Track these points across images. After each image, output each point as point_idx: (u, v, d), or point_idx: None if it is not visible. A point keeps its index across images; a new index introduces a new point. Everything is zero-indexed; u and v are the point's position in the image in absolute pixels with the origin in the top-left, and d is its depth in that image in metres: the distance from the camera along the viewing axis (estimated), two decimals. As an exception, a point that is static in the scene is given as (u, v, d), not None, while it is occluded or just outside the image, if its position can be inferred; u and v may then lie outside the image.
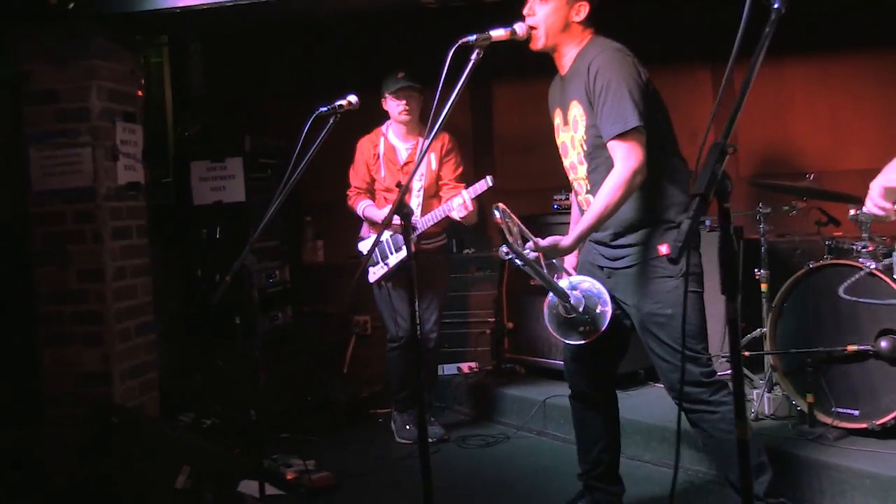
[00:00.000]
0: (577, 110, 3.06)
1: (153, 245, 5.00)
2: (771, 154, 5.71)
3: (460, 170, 4.81)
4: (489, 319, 5.73)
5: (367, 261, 4.49)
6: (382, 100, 4.77)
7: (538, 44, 3.06)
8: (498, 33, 2.85)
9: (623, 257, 3.10)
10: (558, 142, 3.25)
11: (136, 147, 4.73)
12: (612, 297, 3.09)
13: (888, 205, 2.21)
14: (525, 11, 3.06)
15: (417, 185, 4.71)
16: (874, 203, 2.25)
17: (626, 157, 2.87)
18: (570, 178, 3.24)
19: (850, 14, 5.36)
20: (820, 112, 5.65)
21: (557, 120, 3.23)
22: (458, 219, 4.42)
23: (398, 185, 4.39)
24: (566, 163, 3.22)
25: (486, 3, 4.95)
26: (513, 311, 5.50)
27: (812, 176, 4.57)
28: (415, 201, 4.69)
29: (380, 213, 4.67)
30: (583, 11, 3.05)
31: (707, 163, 1.67)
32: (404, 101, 4.67)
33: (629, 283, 3.09)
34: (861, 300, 3.58)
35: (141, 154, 4.77)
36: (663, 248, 2.98)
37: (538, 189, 5.61)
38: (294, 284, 5.97)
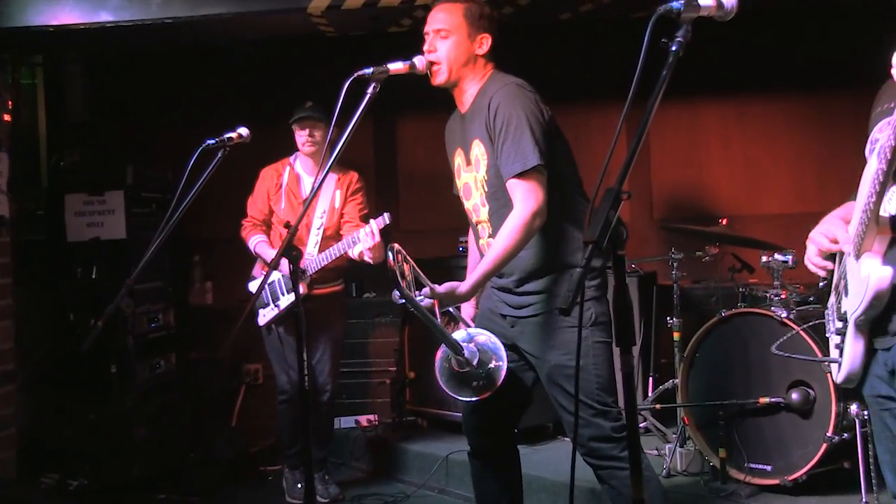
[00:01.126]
0: (478, 149, 3.10)
1: (20, 285, 4.84)
2: (685, 197, 5.91)
3: (365, 210, 4.81)
4: (390, 369, 5.72)
5: (254, 301, 4.43)
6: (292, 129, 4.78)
7: (439, 79, 3.10)
8: (396, 66, 2.89)
9: (528, 305, 3.13)
10: (460, 184, 3.27)
11: (1, 177, 4.60)
12: (515, 348, 3.11)
13: (826, 263, 2.31)
14: (426, 48, 3.09)
15: (318, 222, 4.70)
16: (811, 261, 2.33)
17: (525, 198, 2.91)
18: (473, 220, 3.26)
19: (766, 57, 5.62)
20: (735, 155, 5.89)
21: (458, 160, 3.25)
22: (364, 258, 4.35)
23: (286, 225, 4.37)
24: (468, 205, 3.25)
25: (390, 32, 5.04)
26: (416, 360, 5.49)
27: (726, 220, 4.74)
28: (313, 240, 4.66)
29: (271, 253, 4.63)
30: (485, 44, 3.11)
31: (601, 208, 1.71)
32: (306, 131, 4.66)
33: (534, 332, 3.11)
34: (792, 356, 3.70)
35: (6, 184, 4.64)
36: None
37: (444, 230, 5.66)
38: (179, 329, 5.84)
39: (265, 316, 4.71)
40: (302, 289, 4.34)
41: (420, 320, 2.97)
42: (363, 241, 4.27)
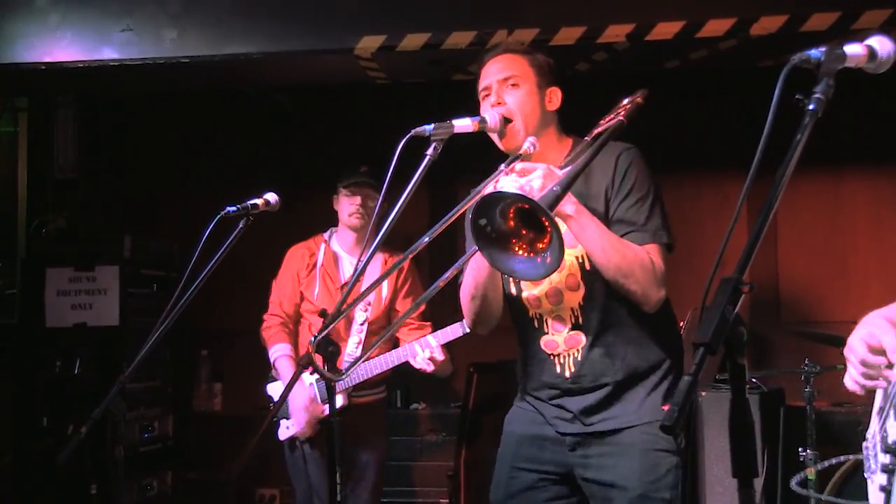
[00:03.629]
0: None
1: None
2: (822, 295, 5.86)
3: (423, 306, 4.85)
4: (442, 501, 5.70)
5: (276, 410, 4.48)
6: (334, 197, 4.85)
7: (517, 140, 3.15)
8: (463, 123, 2.92)
9: (612, 418, 3.12)
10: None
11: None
12: (569, 480, 3.12)
13: (872, 382, 2.19)
14: (492, 102, 3.16)
15: (361, 316, 4.75)
16: (851, 377, 2.23)
17: (661, 261, 3.01)
18: (537, 312, 3.25)
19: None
20: (888, 242, 5.84)
21: None
22: (426, 370, 4.44)
23: (321, 313, 4.40)
24: (534, 292, 3.24)
25: (453, 80, 5.14)
26: (474, 490, 5.47)
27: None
28: (355, 337, 4.72)
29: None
30: (556, 99, 3.18)
31: (715, 303, 1.74)
32: (358, 199, 4.74)
33: (615, 453, 3.07)
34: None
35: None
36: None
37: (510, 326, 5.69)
38: (179, 441, 5.90)
39: (288, 429, 4.75)
40: (341, 399, 4.40)
41: (489, 437, 2.96)
42: (422, 362, 4.38)
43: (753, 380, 5.08)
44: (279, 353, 4.76)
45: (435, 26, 4.74)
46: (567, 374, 3.07)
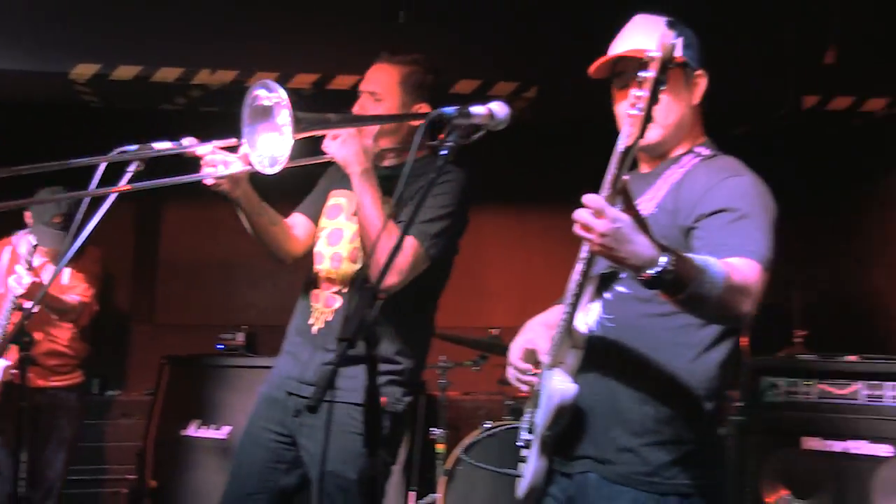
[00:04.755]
0: None
1: None
2: (462, 306, 6.16)
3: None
4: (128, 476, 5.53)
5: None
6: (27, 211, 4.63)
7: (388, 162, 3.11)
8: (170, 145, 2.81)
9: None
10: None
11: None
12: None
13: (530, 378, 2.36)
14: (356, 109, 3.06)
15: None
16: (511, 375, 2.41)
17: None
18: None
19: (547, 169, 6.01)
20: (514, 266, 6.23)
21: None
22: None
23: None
24: None
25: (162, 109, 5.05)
26: (160, 467, 5.34)
27: (498, 331, 5.01)
28: None
29: None
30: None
31: (357, 306, 1.85)
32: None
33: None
34: (479, 465, 3.88)
35: None
36: None
37: (202, 325, 5.65)
38: None
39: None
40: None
41: (174, 419, 2.87)
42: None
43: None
44: None
45: (146, 61, 4.65)
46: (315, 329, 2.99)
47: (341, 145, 2.78)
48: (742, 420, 3.95)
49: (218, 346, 5.52)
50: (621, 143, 1.89)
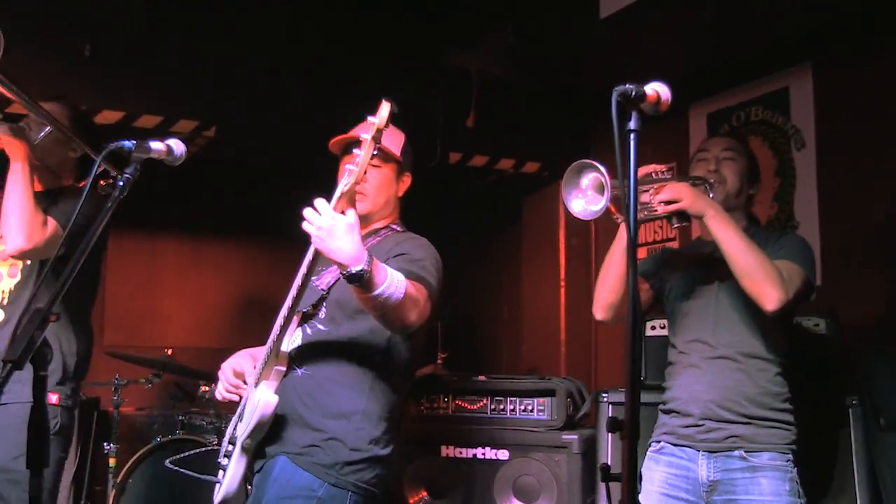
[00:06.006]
0: None
1: None
2: (137, 326, 5.84)
3: None
4: None
5: None
6: None
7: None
8: None
9: None
10: None
11: None
12: None
13: (237, 382, 2.49)
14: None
15: None
16: (224, 387, 2.51)
17: None
18: None
19: (221, 203, 5.82)
20: (188, 290, 6.00)
21: None
22: None
23: None
24: None
25: None
26: None
27: (171, 350, 4.80)
28: None
29: None
30: None
31: (26, 328, 1.67)
32: None
33: None
34: (182, 470, 3.75)
35: None
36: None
37: None
38: None
39: None
40: None
41: None
42: None
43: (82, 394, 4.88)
44: None
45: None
46: None
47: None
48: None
49: None
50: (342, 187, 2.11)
